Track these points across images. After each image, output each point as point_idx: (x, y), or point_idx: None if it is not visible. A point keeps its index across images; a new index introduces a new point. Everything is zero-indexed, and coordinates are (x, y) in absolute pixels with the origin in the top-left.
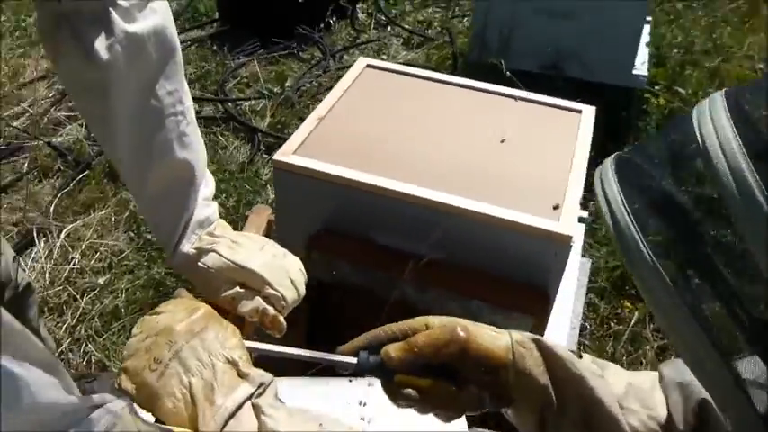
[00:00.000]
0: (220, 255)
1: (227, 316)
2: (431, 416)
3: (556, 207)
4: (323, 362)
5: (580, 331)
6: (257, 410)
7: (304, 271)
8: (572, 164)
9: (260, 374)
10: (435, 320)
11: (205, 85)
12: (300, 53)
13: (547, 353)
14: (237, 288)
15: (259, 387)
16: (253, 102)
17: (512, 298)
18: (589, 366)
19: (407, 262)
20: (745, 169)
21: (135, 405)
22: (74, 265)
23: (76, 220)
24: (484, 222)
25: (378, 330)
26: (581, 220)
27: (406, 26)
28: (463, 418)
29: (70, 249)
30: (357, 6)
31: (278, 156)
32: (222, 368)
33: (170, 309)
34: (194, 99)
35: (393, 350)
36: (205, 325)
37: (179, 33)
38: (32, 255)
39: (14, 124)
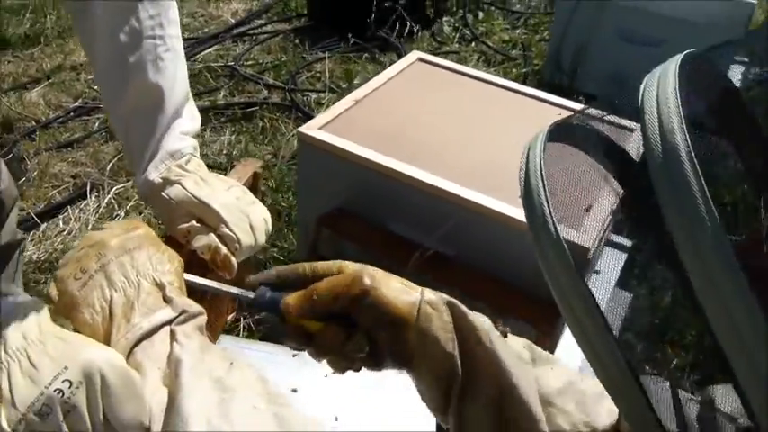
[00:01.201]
0: (184, 188)
1: (180, 251)
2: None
3: (578, 221)
4: (223, 293)
5: None
6: (172, 337)
7: (269, 222)
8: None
9: (186, 303)
10: (351, 266)
11: (279, 75)
12: (378, 56)
13: (460, 321)
14: (194, 222)
15: (181, 314)
16: (319, 95)
17: (517, 305)
18: (514, 349)
19: (414, 252)
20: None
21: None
22: (118, 220)
23: (128, 181)
24: (497, 221)
25: (290, 267)
26: (621, 247)
27: (490, 44)
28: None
29: (117, 207)
30: (443, 19)
31: (303, 128)
32: (147, 289)
33: (112, 226)
34: (265, 86)
35: (291, 299)
36: (139, 244)
37: (267, 24)
38: (81, 206)
39: (96, 87)
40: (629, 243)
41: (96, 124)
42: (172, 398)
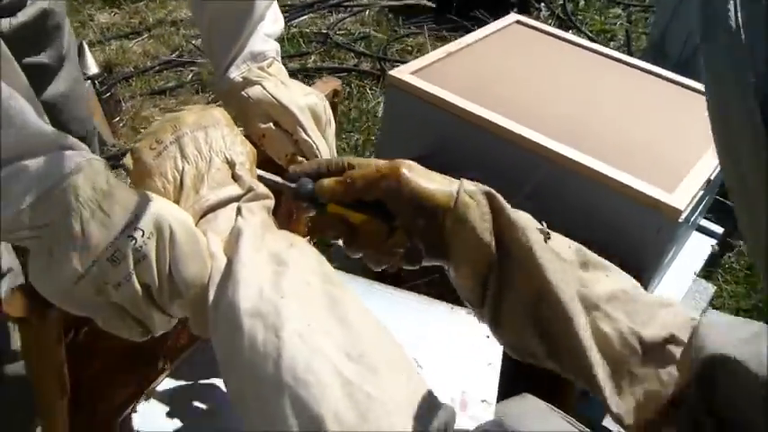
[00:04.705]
0: (264, 88)
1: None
2: None
3: (672, 185)
4: (268, 182)
5: None
6: (238, 212)
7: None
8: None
9: (254, 183)
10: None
11: (370, 46)
12: None
13: (498, 213)
14: (271, 125)
15: (248, 192)
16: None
17: None
18: (555, 249)
19: None
20: None
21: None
22: None
23: None
24: (586, 177)
25: (331, 159)
26: (713, 243)
27: (588, 32)
28: (498, 354)
29: None
30: (542, 4)
31: (394, 71)
32: (218, 164)
33: (191, 107)
34: (355, 53)
35: (327, 181)
36: (214, 123)
37: None
38: None
39: (194, 42)
40: None
41: (189, 76)
42: (228, 265)
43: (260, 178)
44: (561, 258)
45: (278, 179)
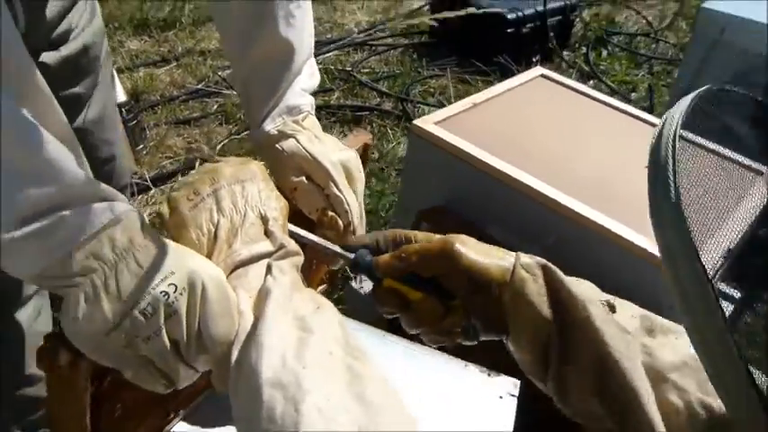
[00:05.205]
0: (298, 141)
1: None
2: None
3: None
4: (324, 249)
5: None
6: (268, 270)
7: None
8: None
9: (286, 240)
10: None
11: (393, 85)
12: (494, 80)
13: (557, 285)
14: (303, 179)
15: (279, 249)
16: (431, 108)
17: None
18: (618, 320)
19: None
20: None
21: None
22: None
23: None
24: (607, 240)
25: (390, 231)
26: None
27: (609, 83)
28: (511, 415)
29: None
30: (564, 53)
31: (418, 121)
32: (252, 219)
33: (228, 159)
34: (378, 93)
35: (383, 257)
36: (251, 177)
37: (388, 37)
38: None
39: (220, 73)
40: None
41: (215, 107)
42: (254, 327)
43: (302, 238)
44: (625, 330)
45: (336, 248)
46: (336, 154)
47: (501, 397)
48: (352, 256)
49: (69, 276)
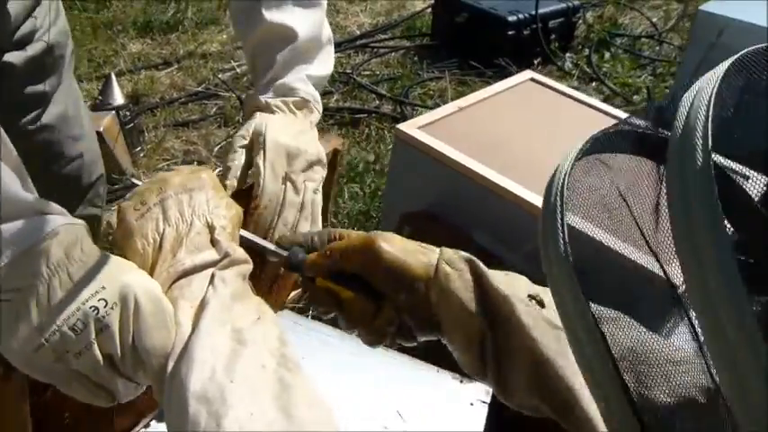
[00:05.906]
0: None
1: (244, 203)
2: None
3: None
4: (259, 247)
5: None
6: (210, 280)
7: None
8: None
9: (231, 248)
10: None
11: (392, 88)
12: (494, 82)
13: (483, 281)
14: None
15: (224, 258)
16: (430, 111)
17: None
18: (547, 314)
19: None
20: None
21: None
22: None
23: None
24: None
25: (322, 230)
26: None
27: (611, 85)
28: (481, 422)
29: None
30: (567, 55)
31: (402, 125)
32: (198, 228)
33: (180, 168)
34: (377, 95)
35: (310, 256)
36: (200, 186)
37: (389, 39)
38: None
39: (220, 76)
40: None
41: (213, 110)
42: (188, 340)
43: (248, 241)
44: (554, 325)
45: (268, 245)
46: (290, 139)
47: (472, 404)
48: (285, 253)
49: (6, 291)
